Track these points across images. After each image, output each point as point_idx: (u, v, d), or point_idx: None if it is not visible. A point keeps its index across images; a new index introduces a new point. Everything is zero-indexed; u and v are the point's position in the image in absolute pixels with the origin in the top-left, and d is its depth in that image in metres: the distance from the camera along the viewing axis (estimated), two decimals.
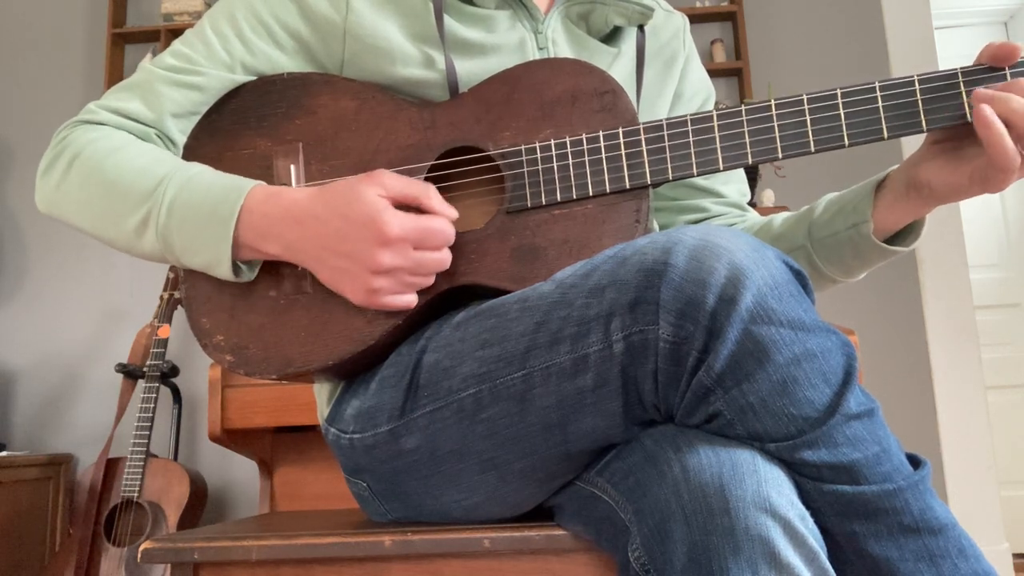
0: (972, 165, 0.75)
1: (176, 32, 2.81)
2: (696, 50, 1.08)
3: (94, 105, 0.86)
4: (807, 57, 2.81)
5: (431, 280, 0.78)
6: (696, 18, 2.80)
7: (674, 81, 1.02)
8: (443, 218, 0.76)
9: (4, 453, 2.47)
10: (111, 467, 2.26)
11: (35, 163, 2.85)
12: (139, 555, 0.77)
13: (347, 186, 0.76)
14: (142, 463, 2.20)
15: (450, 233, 0.77)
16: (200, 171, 0.81)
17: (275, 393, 1.81)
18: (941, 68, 0.76)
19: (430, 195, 0.77)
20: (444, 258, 0.77)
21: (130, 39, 2.88)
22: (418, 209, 0.77)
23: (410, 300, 0.77)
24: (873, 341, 2.62)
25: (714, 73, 2.78)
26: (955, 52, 3.44)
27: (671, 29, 1.02)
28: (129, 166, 0.81)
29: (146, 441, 2.22)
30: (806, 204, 0.93)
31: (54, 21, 2.95)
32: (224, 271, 0.79)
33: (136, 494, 2.18)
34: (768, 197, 2.46)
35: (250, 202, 0.78)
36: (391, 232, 0.73)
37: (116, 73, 2.84)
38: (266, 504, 1.99)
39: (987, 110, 0.71)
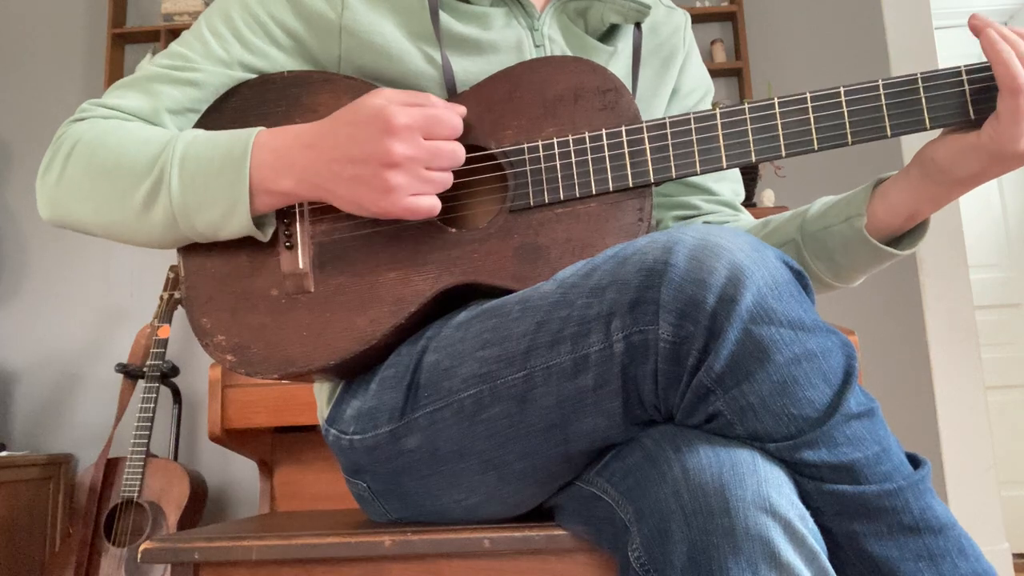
0: (980, 128, 0.73)
1: (176, 32, 2.81)
2: (696, 46, 1.08)
3: (89, 103, 0.86)
4: (807, 57, 2.81)
5: (447, 178, 0.76)
6: (696, 18, 2.80)
7: (672, 79, 1.01)
8: (449, 110, 0.77)
9: (4, 453, 2.47)
10: (111, 467, 2.26)
11: (35, 163, 2.85)
12: (139, 555, 0.77)
13: (353, 103, 0.77)
14: (142, 463, 2.20)
15: (457, 123, 0.76)
16: (201, 131, 0.82)
17: (275, 393, 1.81)
18: (942, 68, 0.76)
19: (431, 98, 0.77)
20: (457, 149, 0.76)
21: (130, 39, 2.88)
22: None
23: (433, 204, 0.76)
24: (873, 341, 2.62)
25: (714, 73, 2.78)
26: (955, 52, 3.44)
27: (672, 26, 1.02)
28: (131, 139, 0.81)
29: (146, 441, 2.22)
30: (806, 204, 0.93)
31: (54, 21, 2.95)
32: (242, 220, 0.78)
33: (136, 494, 2.18)
34: (768, 197, 2.45)
35: (260, 139, 0.78)
36: (398, 120, 0.73)
37: (116, 73, 2.84)
38: (266, 504, 1.99)
39: (992, 33, 0.72)
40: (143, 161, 0.79)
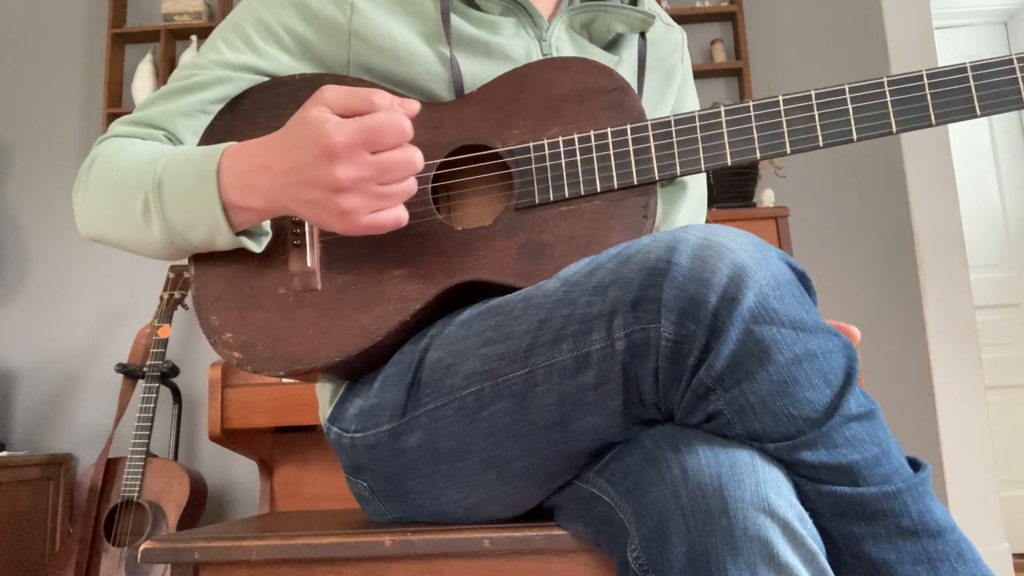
0: None
1: (176, 32, 2.82)
2: (691, 66, 1.10)
3: (116, 121, 0.90)
4: (807, 57, 2.81)
5: (408, 187, 0.72)
6: (696, 18, 2.80)
7: (673, 94, 1.03)
8: (391, 112, 0.69)
9: (4, 453, 2.47)
10: (111, 467, 2.26)
11: (35, 163, 2.85)
12: (139, 555, 0.77)
13: (296, 115, 0.73)
14: (142, 463, 2.20)
15: (402, 125, 0.69)
16: (185, 147, 0.82)
17: (275, 393, 1.81)
18: (946, 64, 0.76)
19: (372, 96, 0.70)
20: (410, 157, 0.70)
21: (130, 39, 2.88)
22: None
23: (397, 217, 0.72)
24: (873, 341, 2.62)
25: (714, 73, 2.78)
26: (955, 52, 3.44)
27: (670, 43, 1.03)
28: (130, 161, 0.83)
29: (146, 441, 2.22)
30: (806, 205, 0.93)
31: (54, 21, 2.95)
32: (226, 238, 0.79)
33: (136, 494, 2.18)
34: (768, 197, 2.45)
35: (224, 160, 0.77)
36: (334, 141, 0.68)
37: (116, 73, 2.84)
38: (266, 504, 1.99)
39: None
40: (134, 180, 0.81)
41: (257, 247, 0.82)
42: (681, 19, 2.76)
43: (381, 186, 0.71)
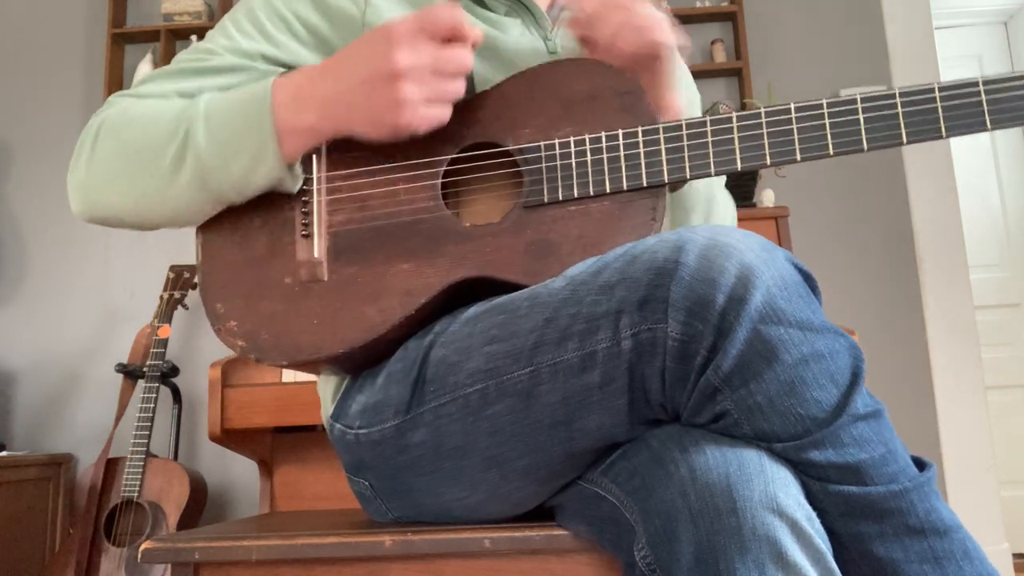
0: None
1: (176, 32, 2.81)
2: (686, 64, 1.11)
3: (114, 95, 0.88)
4: (807, 57, 2.81)
5: (458, 87, 0.78)
6: (696, 18, 2.80)
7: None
8: (452, 12, 0.76)
9: (4, 453, 2.47)
10: (111, 467, 2.26)
11: (35, 163, 2.85)
12: (139, 555, 0.77)
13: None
14: (142, 463, 2.20)
15: (457, 16, 0.76)
16: (218, 92, 0.83)
17: (275, 393, 1.80)
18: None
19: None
20: (462, 52, 0.76)
21: (130, 39, 2.88)
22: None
23: (443, 114, 0.78)
24: (873, 341, 2.62)
25: (714, 73, 2.78)
26: (955, 52, 3.44)
27: None
28: (154, 109, 0.82)
29: (146, 441, 2.22)
30: (806, 205, 0.94)
31: (54, 21, 2.94)
32: (271, 164, 0.78)
33: (136, 494, 2.18)
34: (768, 197, 2.45)
35: (279, 80, 0.80)
36: (398, 29, 0.75)
37: (116, 73, 2.84)
38: (266, 504, 1.99)
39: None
40: (166, 125, 0.80)
41: (293, 187, 0.82)
42: (681, 19, 2.76)
43: (435, 78, 0.75)
